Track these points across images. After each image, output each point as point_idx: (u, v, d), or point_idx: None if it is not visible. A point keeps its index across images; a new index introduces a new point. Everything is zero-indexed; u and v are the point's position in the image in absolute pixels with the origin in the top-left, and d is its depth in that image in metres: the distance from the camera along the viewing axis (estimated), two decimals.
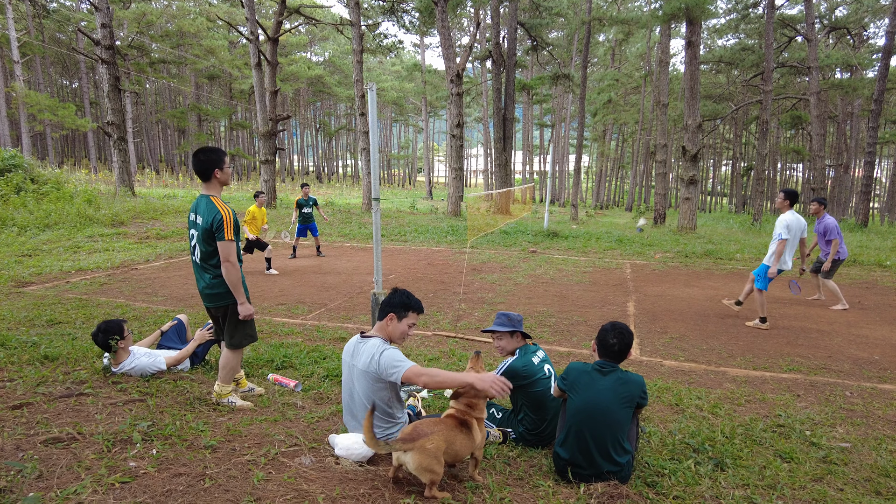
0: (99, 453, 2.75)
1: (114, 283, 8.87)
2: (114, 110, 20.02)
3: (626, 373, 3.24)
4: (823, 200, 8.76)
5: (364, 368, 3.17)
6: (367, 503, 2.46)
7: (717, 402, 4.66)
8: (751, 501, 2.99)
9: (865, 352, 6.33)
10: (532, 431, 3.66)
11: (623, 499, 2.83)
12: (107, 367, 4.12)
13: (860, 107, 36.02)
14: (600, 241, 15.53)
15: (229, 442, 3.05)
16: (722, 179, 67.55)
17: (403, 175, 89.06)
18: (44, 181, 17.55)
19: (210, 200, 3.65)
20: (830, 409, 4.58)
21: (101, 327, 4.16)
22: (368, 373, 3.14)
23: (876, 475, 3.42)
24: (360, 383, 3.23)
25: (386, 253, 13.08)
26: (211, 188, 3.72)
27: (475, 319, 7.19)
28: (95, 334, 4.15)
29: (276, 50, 21.10)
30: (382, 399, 3.19)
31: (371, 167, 4.88)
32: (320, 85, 59.24)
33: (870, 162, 22.88)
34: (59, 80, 55.71)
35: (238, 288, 3.70)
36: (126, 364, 4.19)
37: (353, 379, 3.29)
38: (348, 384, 3.35)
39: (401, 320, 3.30)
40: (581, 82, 23.65)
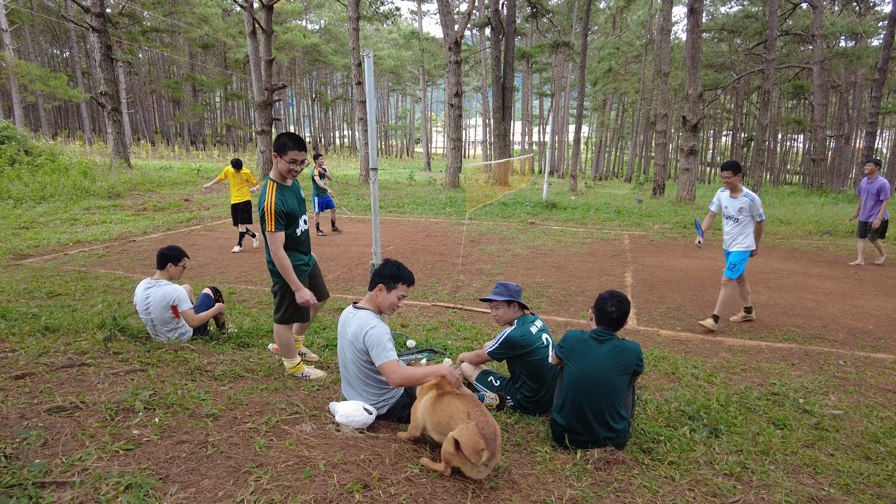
0: (102, 422, 2.78)
1: (112, 255, 8.86)
2: (106, 80, 19.69)
3: (622, 340, 3.27)
4: (879, 161, 9.19)
5: (352, 340, 3.21)
6: (367, 469, 2.51)
7: (713, 370, 4.72)
8: (743, 466, 3.05)
9: (860, 322, 6.39)
10: (530, 399, 3.71)
11: (619, 464, 2.89)
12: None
13: (864, 76, 35.55)
14: (599, 213, 15.51)
15: (231, 410, 3.08)
16: (722, 150, 67.10)
17: (401, 146, 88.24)
18: (38, 153, 17.38)
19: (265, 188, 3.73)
20: (824, 378, 4.64)
21: (169, 247, 4.67)
22: (355, 346, 3.19)
23: (866, 441, 3.49)
24: (349, 353, 3.28)
25: (384, 224, 13.05)
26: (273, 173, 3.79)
27: (473, 290, 7.22)
28: (161, 250, 4.65)
29: (270, 18, 20.64)
30: (372, 369, 3.23)
31: (368, 137, 4.83)
32: (316, 54, 58.17)
33: (871, 132, 22.68)
34: (49, 50, 54.66)
35: (287, 274, 3.67)
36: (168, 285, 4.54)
37: (344, 349, 3.33)
38: (342, 354, 3.39)
39: (390, 291, 3.30)
40: (581, 50, 23.27)
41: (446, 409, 2.73)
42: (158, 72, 58.91)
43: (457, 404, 2.72)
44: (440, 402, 2.78)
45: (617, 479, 2.76)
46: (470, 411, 2.65)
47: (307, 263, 3.98)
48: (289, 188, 3.79)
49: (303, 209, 3.90)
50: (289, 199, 3.72)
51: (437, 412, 2.76)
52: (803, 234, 12.58)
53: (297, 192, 3.90)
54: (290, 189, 3.79)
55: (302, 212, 3.88)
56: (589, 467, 2.85)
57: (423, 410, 2.85)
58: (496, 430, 2.61)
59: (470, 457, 2.49)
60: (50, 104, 42.32)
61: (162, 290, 4.49)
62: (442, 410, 2.74)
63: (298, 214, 3.82)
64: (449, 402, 2.75)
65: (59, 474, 2.25)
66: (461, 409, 2.67)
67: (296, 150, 3.62)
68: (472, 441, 2.50)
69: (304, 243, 3.95)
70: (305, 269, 3.96)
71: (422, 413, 2.85)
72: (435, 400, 2.81)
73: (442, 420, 2.72)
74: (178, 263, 4.70)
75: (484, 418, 2.63)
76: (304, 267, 3.95)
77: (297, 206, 3.81)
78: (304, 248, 3.96)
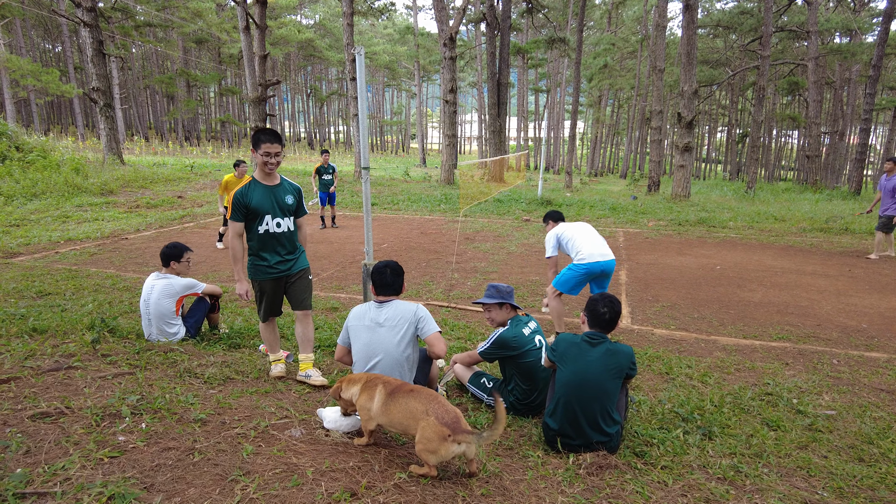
0: (87, 428, 2.74)
1: (104, 253, 8.78)
2: (99, 76, 19.51)
3: (615, 343, 3.24)
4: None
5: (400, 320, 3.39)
6: (356, 476, 2.47)
7: (707, 370, 4.71)
8: (737, 470, 3.03)
9: (854, 320, 6.39)
10: (522, 401, 3.69)
11: (612, 469, 2.86)
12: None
13: (858, 73, 35.62)
14: (594, 209, 15.49)
15: (219, 415, 3.04)
16: (717, 146, 67.20)
17: (396, 141, 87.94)
18: (29, 149, 17.21)
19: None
20: (817, 377, 4.64)
21: (170, 244, 4.77)
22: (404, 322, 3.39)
23: (860, 442, 3.48)
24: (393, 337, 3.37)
25: (378, 222, 12.99)
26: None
27: (468, 289, 7.18)
28: (163, 250, 4.73)
29: (264, 12, 20.46)
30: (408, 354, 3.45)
31: (360, 135, 4.77)
32: (311, 49, 57.89)
33: (865, 129, 22.76)
34: (41, 45, 54.16)
35: (234, 263, 3.94)
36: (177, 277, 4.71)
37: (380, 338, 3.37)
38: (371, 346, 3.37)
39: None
40: (577, 46, 23.21)
41: (402, 408, 2.76)
42: (152, 67, 58.49)
43: (413, 404, 2.75)
44: (394, 402, 2.80)
45: (609, 484, 2.73)
46: (427, 407, 2.71)
47: (272, 266, 3.94)
48: (266, 186, 3.85)
49: (278, 210, 3.87)
50: (257, 195, 3.80)
51: (392, 412, 2.79)
52: (797, 231, 12.60)
53: (276, 192, 3.89)
54: (267, 188, 3.85)
55: (275, 213, 3.86)
56: (581, 472, 2.83)
57: (377, 410, 2.85)
58: (457, 413, 2.71)
59: (440, 448, 2.56)
60: (42, 99, 42.02)
61: (169, 280, 4.63)
62: (398, 410, 2.78)
63: (264, 212, 3.82)
64: (405, 402, 2.77)
65: (40, 484, 2.21)
66: (418, 409, 2.71)
67: (268, 142, 3.72)
68: (436, 433, 2.58)
69: (269, 244, 3.91)
70: (270, 271, 3.94)
71: (375, 413, 2.86)
72: (387, 399, 2.83)
73: (402, 420, 2.75)
74: (182, 259, 4.78)
75: (442, 408, 2.71)
76: (268, 269, 3.94)
77: (268, 204, 3.83)
78: (270, 249, 3.92)
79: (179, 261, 4.75)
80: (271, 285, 3.99)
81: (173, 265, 4.73)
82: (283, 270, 3.99)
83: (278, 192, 3.91)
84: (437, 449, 2.57)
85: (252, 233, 3.86)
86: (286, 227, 3.94)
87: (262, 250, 3.91)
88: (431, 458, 2.59)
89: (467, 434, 2.59)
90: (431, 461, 2.59)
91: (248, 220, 3.83)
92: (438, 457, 2.58)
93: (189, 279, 4.76)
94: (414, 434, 2.67)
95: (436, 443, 2.57)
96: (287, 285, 4.08)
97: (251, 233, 3.87)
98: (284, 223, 3.92)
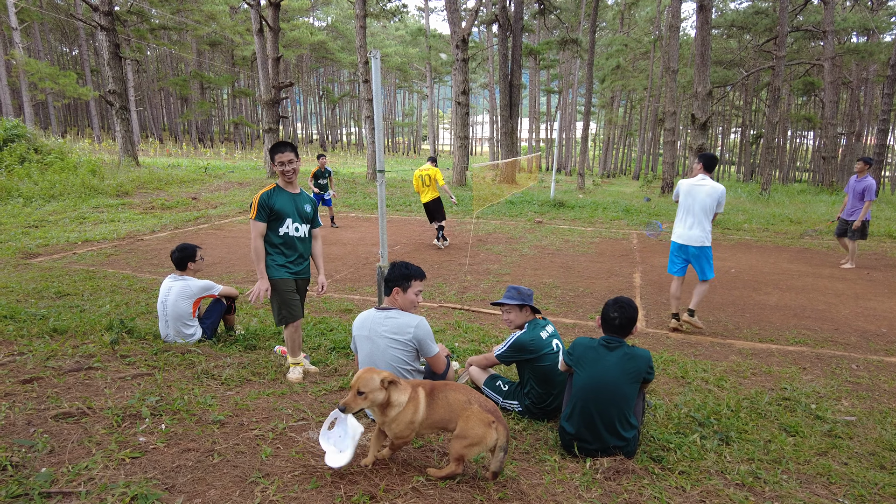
0: (109, 428, 2.77)
1: (120, 254, 8.89)
2: (115, 78, 19.76)
3: (632, 348, 3.22)
4: (870, 160, 9.00)
5: (393, 336, 3.34)
6: (374, 479, 2.48)
7: (723, 374, 4.67)
8: (755, 476, 3.00)
9: (873, 324, 6.31)
10: (538, 405, 3.68)
11: (629, 474, 2.85)
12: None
13: (875, 72, 35.12)
14: (607, 211, 15.41)
15: (237, 416, 3.07)
16: (731, 147, 66.55)
17: (408, 143, 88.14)
18: (47, 151, 17.46)
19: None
20: (836, 382, 4.58)
21: (179, 247, 4.77)
22: (398, 340, 3.35)
23: (881, 449, 3.43)
24: (388, 352, 3.35)
25: (391, 224, 13.03)
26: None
27: (481, 291, 7.18)
28: (173, 252, 4.76)
29: (277, 15, 20.62)
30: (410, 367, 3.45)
31: (375, 137, 4.80)
32: (323, 51, 58.20)
33: (883, 130, 22.41)
34: (58, 48, 54.95)
35: (257, 262, 4.00)
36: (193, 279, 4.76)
37: (378, 349, 3.36)
38: (372, 356, 3.39)
39: (406, 291, 3.44)
40: (589, 47, 23.13)
41: (444, 403, 2.74)
42: (166, 69, 59.13)
43: (454, 395, 2.75)
44: (437, 399, 2.77)
45: (627, 489, 2.72)
46: (468, 397, 2.74)
47: (292, 262, 4.14)
48: (289, 193, 4.10)
49: (298, 216, 4.12)
50: (281, 199, 4.02)
51: (436, 409, 2.75)
52: (813, 234, 12.44)
53: (297, 200, 4.16)
54: (289, 194, 4.10)
55: (295, 218, 4.09)
56: (598, 477, 2.82)
57: (422, 417, 2.71)
58: (495, 406, 2.76)
59: (487, 435, 2.57)
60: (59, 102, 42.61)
61: (186, 282, 4.68)
62: (440, 406, 2.75)
63: (286, 216, 4.04)
64: (445, 396, 2.76)
65: (65, 483, 2.24)
66: (460, 399, 2.72)
67: (279, 152, 3.98)
68: (482, 420, 2.59)
69: (289, 246, 4.12)
70: (290, 268, 4.13)
71: (421, 420, 2.70)
72: (429, 399, 2.77)
73: (444, 415, 2.72)
74: (196, 258, 4.84)
75: (481, 396, 2.78)
76: (288, 265, 4.12)
77: (290, 209, 4.07)
78: (290, 250, 4.14)
79: (195, 260, 4.81)
80: (292, 284, 4.15)
81: (190, 266, 4.79)
82: (298, 272, 4.19)
83: (299, 200, 4.17)
84: (483, 436, 2.57)
85: (274, 234, 4.03)
86: (303, 232, 4.20)
87: (282, 251, 4.09)
88: (473, 450, 2.58)
89: (506, 434, 2.63)
90: (472, 454, 2.59)
91: (271, 222, 4.01)
92: (482, 447, 2.58)
93: (206, 281, 4.81)
94: (453, 428, 2.66)
95: (481, 430, 2.57)
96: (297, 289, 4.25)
97: (273, 234, 4.04)
98: (303, 229, 4.18)
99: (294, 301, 4.14)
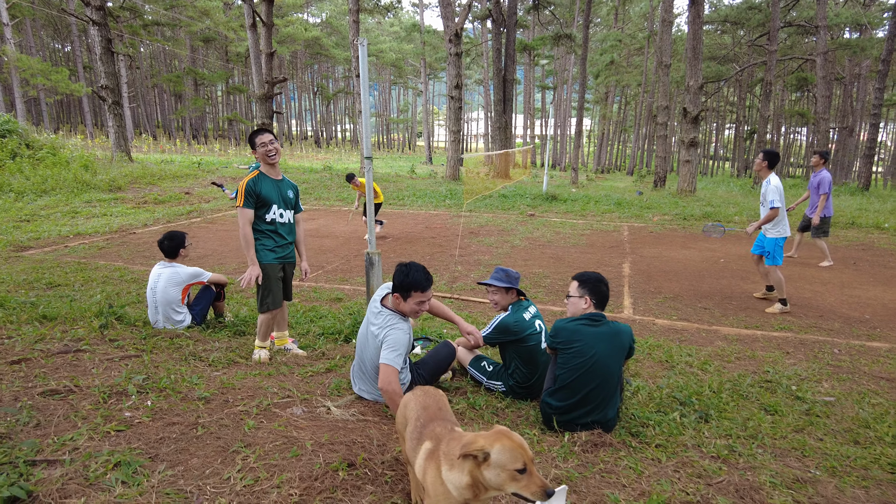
0: (95, 404, 2.82)
1: (112, 247, 8.90)
2: (107, 74, 19.69)
3: (615, 323, 3.29)
4: (826, 154, 8.74)
5: (376, 333, 3.31)
6: (354, 449, 2.53)
7: (707, 358, 4.73)
8: (731, 449, 3.06)
9: (857, 311, 6.40)
10: (522, 385, 3.74)
11: (606, 447, 2.91)
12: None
13: (868, 68, 35.30)
14: (599, 205, 15.48)
15: (223, 394, 3.12)
16: (725, 143, 66.81)
17: (403, 139, 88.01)
18: (39, 147, 17.41)
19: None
20: (818, 366, 4.66)
21: (167, 235, 4.79)
22: (378, 338, 3.28)
23: (856, 426, 3.50)
24: (372, 347, 3.33)
25: (384, 217, 13.06)
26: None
27: (471, 281, 7.24)
28: (161, 241, 4.78)
29: (271, 10, 20.57)
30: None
31: (363, 125, 4.84)
32: (317, 47, 58.02)
33: (874, 124, 22.59)
34: (50, 44, 54.66)
35: (248, 249, 4.04)
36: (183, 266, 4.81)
37: (367, 341, 3.38)
38: (362, 347, 3.43)
39: (406, 300, 3.33)
40: (583, 43, 23.17)
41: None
42: (160, 65, 58.88)
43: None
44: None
45: (603, 460, 2.78)
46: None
47: (278, 247, 4.21)
48: (273, 180, 4.15)
49: (282, 202, 4.19)
50: (265, 186, 4.07)
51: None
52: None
53: (280, 186, 4.22)
54: (272, 180, 4.15)
55: (280, 203, 4.16)
56: (576, 449, 2.88)
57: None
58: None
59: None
60: (52, 98, 42.36)
61: (175, 269, 4.72)
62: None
63: (272, 202, 4.10)
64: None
65: (50, 453, 2.29)
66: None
67: (259, 136, 4.09)
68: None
69: (275, 231, 4.19)
70: (277, 252, 4.19)
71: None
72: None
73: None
74: (186, 245, 4.89)
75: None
76: (275, 250, 4.18)
77: (275, 195, 4.13)
78: (276, 235, 4.20)
79: (185, 246, 4.85)
80: (280, 270, 4.22)
81: (182, 253, 4.83)
82: (284, 256, 4.25)
83: (282, 186, 4.24)
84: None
85: (261, 220, 4.09)
86: (288, 218, 4.26)
87: (271, 237, 4.15)
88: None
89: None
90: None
91: (257, 209, 4.07)
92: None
93: (195, 268, 4.85)
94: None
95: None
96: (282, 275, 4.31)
97: (260, 220, 4.10)
98: (287, 214, 4.25)
99: (279, 290, 4.19)
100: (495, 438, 1.74)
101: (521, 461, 1.69)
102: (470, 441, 1.76)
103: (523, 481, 1.69)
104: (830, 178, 8.59)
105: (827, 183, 8.49)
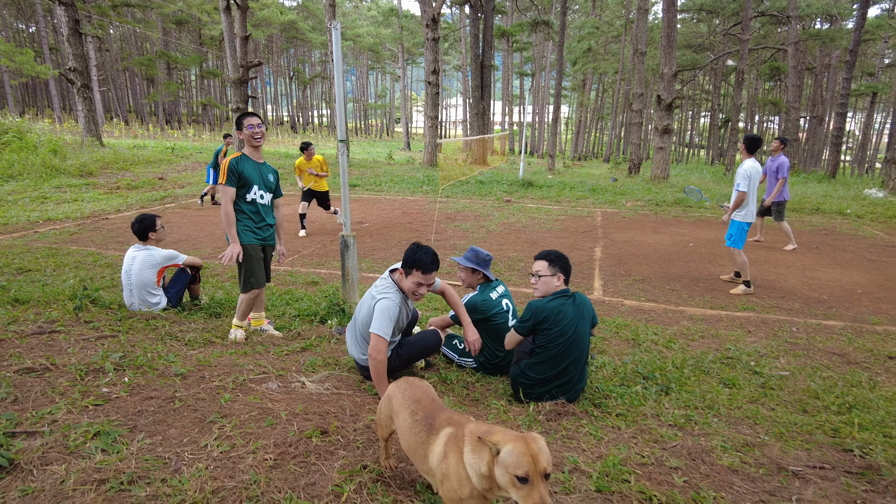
0: (72, 381, 2.87)
1: (84, 232, 8.79)
2: (75, 56, 19.18)
3: (579, 294, 3.46)
4: (786, 140, 9.10)
5: (373, 294, 3.41)
6: (328, 418, 2.64)
7: (672, 337, 4.93)
8: (688, 418, 3.24)
9: (816, 292, 6.68)
10: (491, 361, 3.87)
11: (570, 416, 3.06)
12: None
13: (838, 58, 36.10)
14: (574, 191, 15.68)
15: (199, 371, 3.19)
16: (700, 131, 67.74)
17: (381, 125, 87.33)
18: (4, 130, 16.96)
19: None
20: (776, 343, 4.88)
21: (138, 218, 4.83)
22: (371, 304, 3.36)
23: (806, 397, 3.72)
24: (365, 309, 3.42)
25: (361, 202, 13.08)
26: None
27: (446, 265, 7.35)
28: (133, 224, 4.83)
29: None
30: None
31: (337, 109, 4.88)
32: (294, 31, 57.10)
33: (841, 114, 23.18)
34: (13, 24, 52.78)
35: (229, 228, 4.09)
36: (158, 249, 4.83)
37: (363, 304, 3.47)
38: (360, 308, 3.51)
39: (407, 277, 3.36)
40: (560, 29, 23.25)
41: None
42: (131, 48, 57.27)
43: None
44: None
45: (566, 427, 2.94)
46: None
47: (259, 229, 4.28)
48: (253, 162, 4.23)
49: (262, 184, 4.26)
50: (248, 167, 4.15)
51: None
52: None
53: (262, 168, 4.31)
54: (254, 163, 4.24)
55: (260, 185, 4.23)
56: (541, 418, 3.03)
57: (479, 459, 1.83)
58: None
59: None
60: (16, 81, 41.06)
61: (150, 252, 4.73)
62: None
63: (253, 182, 4.17)
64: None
65: (29, 425, 2.34)
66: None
67: (248, 118, 4.17)
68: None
69: (255, 212, 4.26)
70: (258, 234, 4.26)
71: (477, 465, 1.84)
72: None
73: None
74: (157, 227, 4.89)
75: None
76: (255, 231, 4.25)
77: (256, 177, 4.21)
78: (257, 216, 4.27)
79: (156, 229, 4.87)
80: (260, 251, 4.29)
81: (152, 236, 4.84)
82: (265, 237, 4.33)
83: (263, 169, 4.32)
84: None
85: (242, 200, 4.16)
86: (267, 200, 4.34)
87: (251, 217, 4.22)
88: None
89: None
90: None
91: (239, 188, 4.12)
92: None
93: (170, 251, 4.86)
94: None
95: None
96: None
97: (241, 200, 4.16)
98: (267, 197, 4.32)
99: (260, 269, 4.26)
100: (512, 438, 1.72)
101: (524, 470, 1.63)
102: (491, 431, 1.78)
103: (523, 491, 1.63)
104: (789, 163, 8.89)
105: (785, 168, 8.79)
